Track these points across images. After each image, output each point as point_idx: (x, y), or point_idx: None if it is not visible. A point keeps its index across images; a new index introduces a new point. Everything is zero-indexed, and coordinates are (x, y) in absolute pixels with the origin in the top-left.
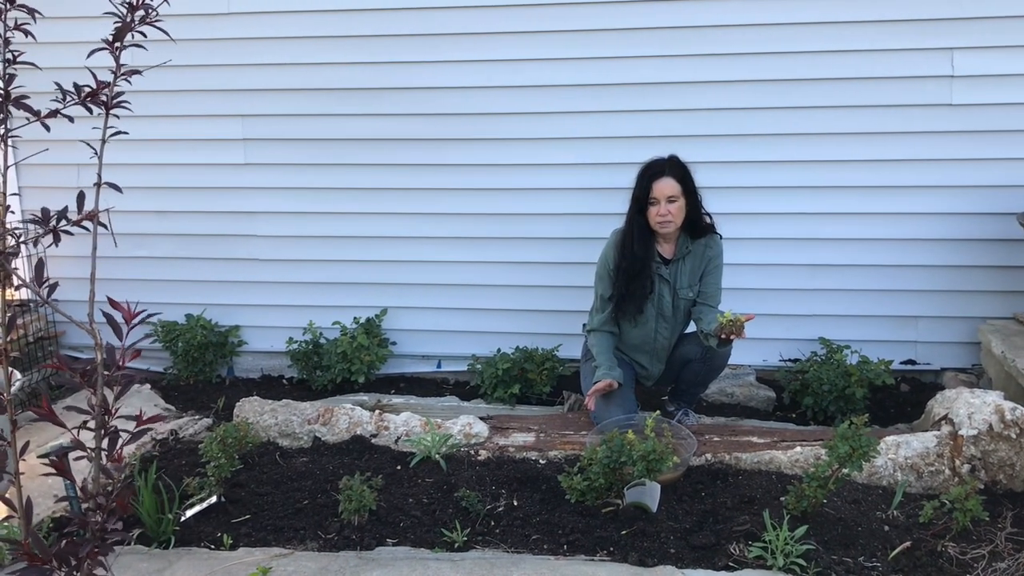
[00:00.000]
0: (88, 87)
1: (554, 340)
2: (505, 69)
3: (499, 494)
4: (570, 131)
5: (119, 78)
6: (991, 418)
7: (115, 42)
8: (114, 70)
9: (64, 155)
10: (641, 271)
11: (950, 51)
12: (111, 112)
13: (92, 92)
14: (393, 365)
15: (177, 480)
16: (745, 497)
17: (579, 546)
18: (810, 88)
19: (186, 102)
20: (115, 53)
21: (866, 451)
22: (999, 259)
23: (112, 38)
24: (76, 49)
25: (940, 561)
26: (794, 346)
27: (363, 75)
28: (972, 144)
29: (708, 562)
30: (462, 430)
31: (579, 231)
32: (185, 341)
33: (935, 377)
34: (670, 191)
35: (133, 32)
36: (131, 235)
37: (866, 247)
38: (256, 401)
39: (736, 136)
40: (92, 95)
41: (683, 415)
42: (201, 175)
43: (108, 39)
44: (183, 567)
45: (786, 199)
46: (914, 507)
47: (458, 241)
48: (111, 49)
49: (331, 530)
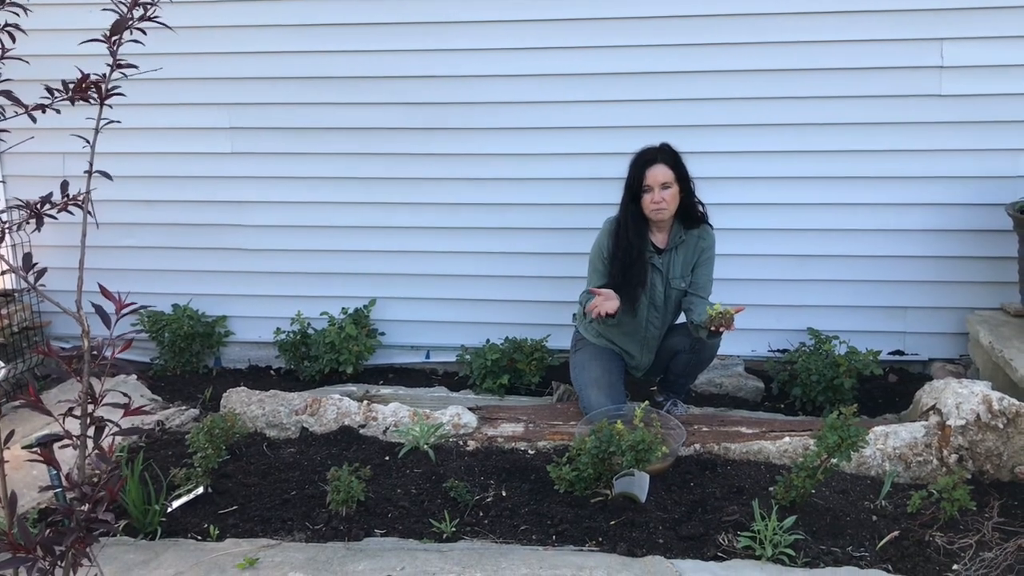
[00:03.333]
0: (73, 82)
1: (543, 331)
2: (496, 58)
3: (488, 485)
4: (560, 121)
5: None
6: (979, 408)
7: (112, 36)
8: (111, 64)
9: (49, 144)
10: (636, 260)
11: (940, 41)
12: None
13: (81, 89)
14: (382, 356)
15: (164, 471)
16: (734, 487)
17: (568, 536)
18: (800, 78)
19: (173, 91)
20: (112, 48)
21: (854, 441)
22: (987, 250)
23: (110, 32)
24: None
25: (928, 551)
26: (783, 336)
27: (351, 64)
28: (961, 135)
29: (697, 552)
30: (451, 420)
31: (569, 221)
32: (172, 331)
33: (923, 367)
34: (663, 177)
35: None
36: (118, 224)
37: (855, 237)
38: (243, 391)
39: (725, 126)
40: (81, 92)
41: (672, 405)
42: (188, 164)
43: (106, 33)
44: (169, 558)
45: (776, 189)
46: (902, 497)
47: (448, 231)
48: (108, 43)
49: (319, 521)
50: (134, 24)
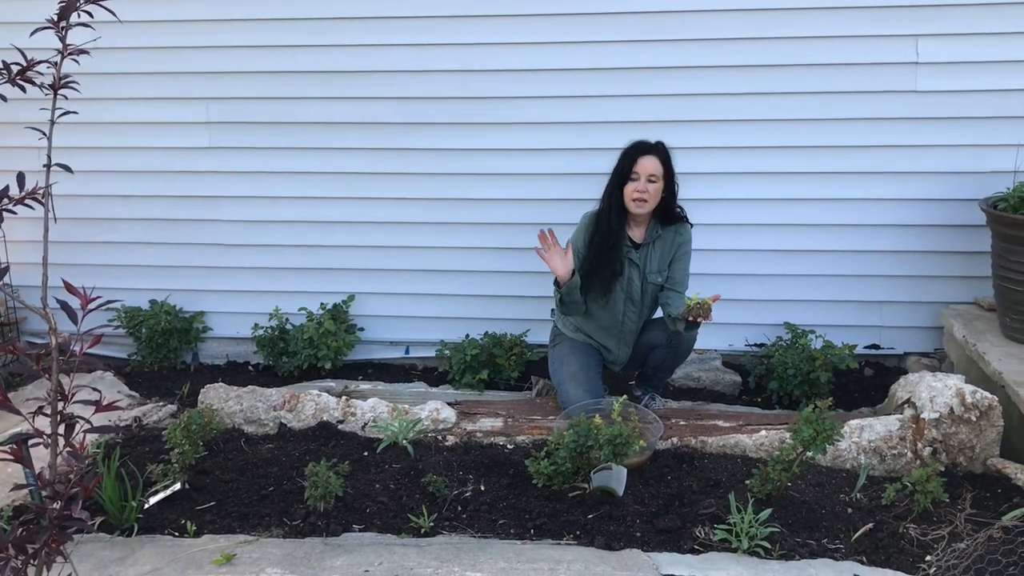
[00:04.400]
0: (17, 64)
1: (523, 326)
2: (477, 53)
3: (466, 479)
4: (541, 116)
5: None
6: (952, 401)
7: (60, 21)
8: (60, 50)
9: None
10: (613, 245)
11: (915, 38)
12: (59, 93)
13: (22, 70)
14: (360, 351)
15: (141, 467)
16: (711, 481)
17: (546, 530)
18: (777, 74)
19: (150, 85)
20: (60, 33)
21: (830, 435)
22: (962, 245)
23: (57, 17)
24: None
25: (901, 542)
26: (760, 331)
27: (331, 58)
28: (937, 130)
29: (674, 545)
30: (430, 415)
31: (549, 217)
32: (149, 327)
33: (899, 361)
34: (652, 169)
35: (79, 11)
36: (94, 220)
37: (832, 232)
38: (221, 387)
39: (704, 122)
40: (22, 73)
41: (650, 399)
42: (165, 159)
43: (53, 18)
44: (146, 554)
45: (753, 185)
46: (877, 489)
47: (426, 226)
48: (56, 29)
49: (297, 516)
50: (81, 6)
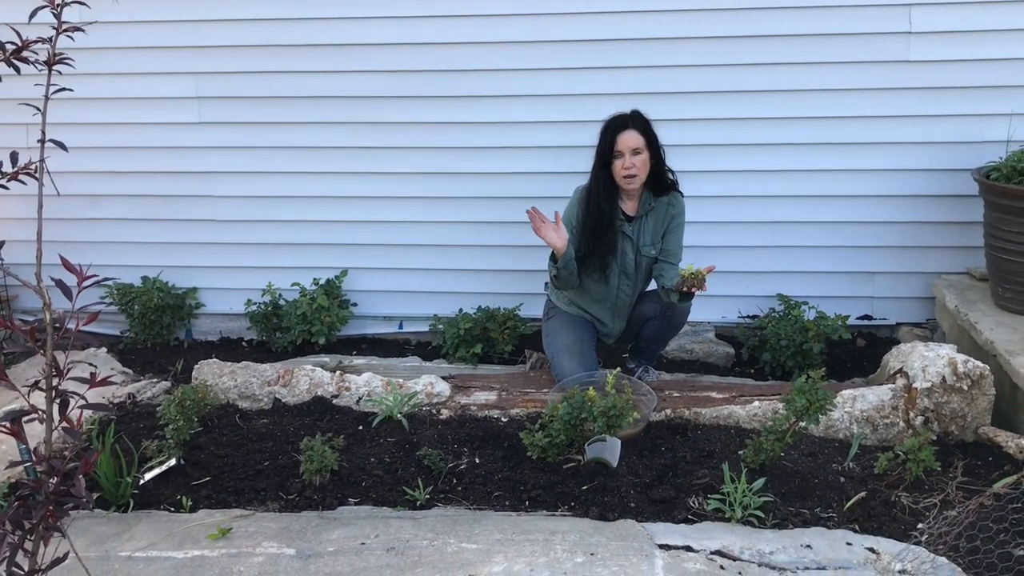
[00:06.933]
0: (12, 43)
1: (516, 300)
2: (468, 25)
3: (461, 452)
4: (533, 88)
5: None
6: (944, 371)
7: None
8: (55, 27)
9: (11, 115)
10: (607, 227)
11: (908, 7)
12: (54, 69)
13: (17, 49)
14: (354, 326)
15: (136, 443)
16: (704, 451)
17: (540, 502)
18: (769, 44)
19: (138, 59)
20: (55, 10)
21: (823, 405)
22: (954, 215)
23: None
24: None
25: (894, 511)
26: (753, 303)
27: (321, 31)
28: (929, 100)
29: (668, 515)
30: (424, 389)
31: (541, 190)
32: (141, 304)
33: (891, 332)
34: (634, 143)
35: None
36: (85, 196)
37: (824, 203)
38: (215, 363)
39: (697, 93)
40: (17, 52)
41: (643, 372)
42: (155, 134)
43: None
44: (142, 529)
45: (745, 156)
46: (869, 459)
47: (419, 200)
48: (51, 6)
49: (292, 491)
50: None
